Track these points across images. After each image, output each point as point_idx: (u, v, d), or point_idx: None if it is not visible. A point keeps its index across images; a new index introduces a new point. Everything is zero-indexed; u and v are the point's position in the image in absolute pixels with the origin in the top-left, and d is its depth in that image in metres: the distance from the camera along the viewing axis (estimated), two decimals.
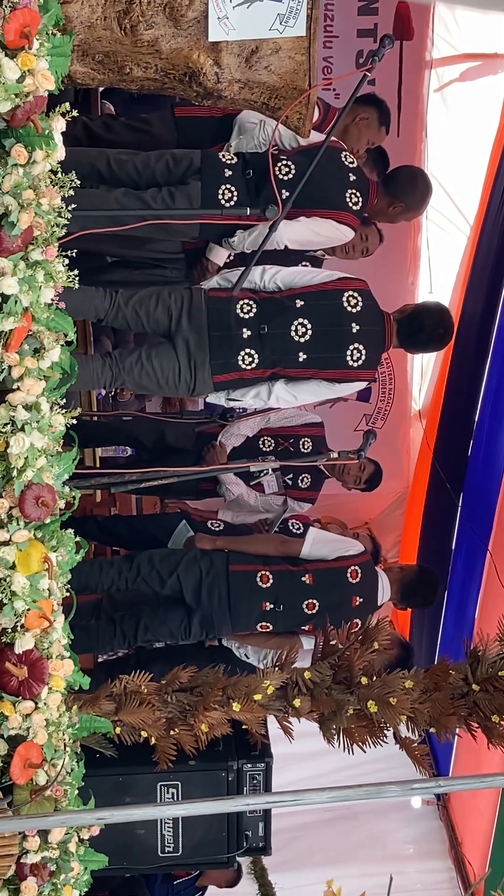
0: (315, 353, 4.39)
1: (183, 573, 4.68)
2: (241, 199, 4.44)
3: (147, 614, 4.76)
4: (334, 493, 6.16)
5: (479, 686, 3.50)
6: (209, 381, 4.38)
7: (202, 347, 4.32)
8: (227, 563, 4.71)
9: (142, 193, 4.42)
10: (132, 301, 4.40)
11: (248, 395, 4.50)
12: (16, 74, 2.45)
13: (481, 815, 5.65)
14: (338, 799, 2.45)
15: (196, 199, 4.40)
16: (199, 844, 3.64)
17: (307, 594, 4.67)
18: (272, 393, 4.48)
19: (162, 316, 4.38)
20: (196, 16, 2.98)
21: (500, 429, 5.45)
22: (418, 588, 5.06)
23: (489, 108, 5.78)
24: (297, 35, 3.04)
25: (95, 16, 2.94)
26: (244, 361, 4.35)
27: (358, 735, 3.52)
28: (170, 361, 4.36)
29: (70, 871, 2.90)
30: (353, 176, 4.59)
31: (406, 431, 7.25)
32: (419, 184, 4.94)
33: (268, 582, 4.68)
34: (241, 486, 5.45)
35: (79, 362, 3.08)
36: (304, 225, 4.47)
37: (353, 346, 4.41)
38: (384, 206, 4.83)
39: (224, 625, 4.71)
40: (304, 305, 4.39)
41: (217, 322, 4.33)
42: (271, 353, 4.37)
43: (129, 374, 4.40)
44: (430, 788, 2.72)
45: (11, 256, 2.54)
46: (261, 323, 4.34)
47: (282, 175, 4.41)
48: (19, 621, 2.67)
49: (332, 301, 4.43)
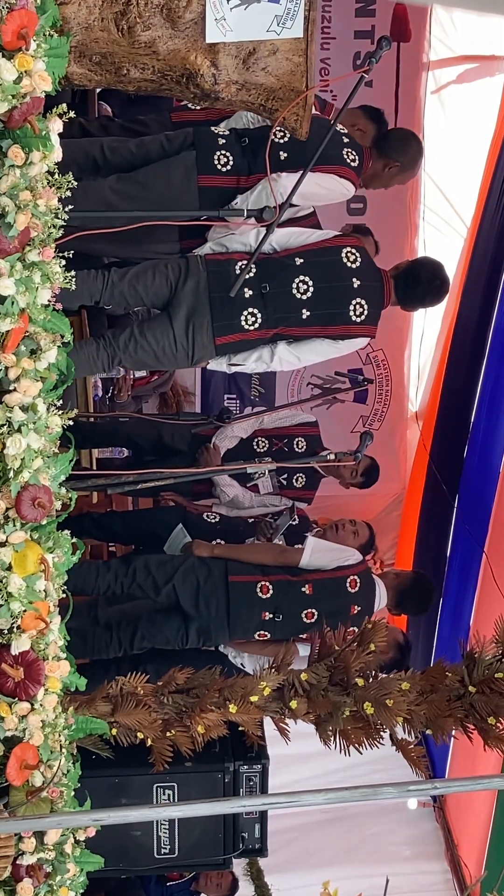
0: (318, 310, 4.37)
1: (180, 582, 4.66)
2: (238, 164, 4.42)
3: (144, 623, 4.72)
4: (332, 494, 6.16)
5: (475, 688, 3.50)
6: (209, 345, 4.35)
7: (202, 310, 4.29)
8: (226, 574, 4.68)
9: (135, 174, 4.40)
10: (128, 276, 4.37)
11: (251, 358, 4.46)
12: (13, 75, 2.44)
13: (477, 816, 5.65)
14: (334, 800, 2.44)
15: (192, 167, 4.37)
16: (195, 846, 3.63)
17: (306, 604, 4.66)
18: (275, 355, 4.45)
19: (161, 286, 4.35)
20: (193, 17, 2.98)
21: (496, 430, 5.46)
22: (413, 594, 5.05)
23: (486, 110, 5.79)
24: (295, 37, 3.04)
25: (92, 17, 2.94)
26: (247, 322, 4.32)
27: (354, 737, 3.52)
28: (164, 331, 4.33)
29: (66, 872, 2.90)
30: (347, 139, 4.59)
31: (403, 433, 7.27)
32: (412, 142, 4.91)
33: (268, 592, 4.66)
34: (237, 487, 5.44)
35: (73, 349, 3.07)
36: (308, 178, 4.38)
37: (355, 300, 4.40)
38: (379, 169, 4.81)
39: (222, 634, 4.70)
40: (303, 263, 4.37)
41: (217, 284, 4.30)
42: (274, 312, 4.34)
43: (124, 352, 4.37)
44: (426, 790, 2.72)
45: (8, 258, 2.54)
46: (262, 282, 4.32)
47: (277, 138, 4.39)
48: (15, 622, 2.66)
49: (332, 257, 4.42)
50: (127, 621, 4.76)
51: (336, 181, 4.56)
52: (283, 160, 4.31)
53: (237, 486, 5.44)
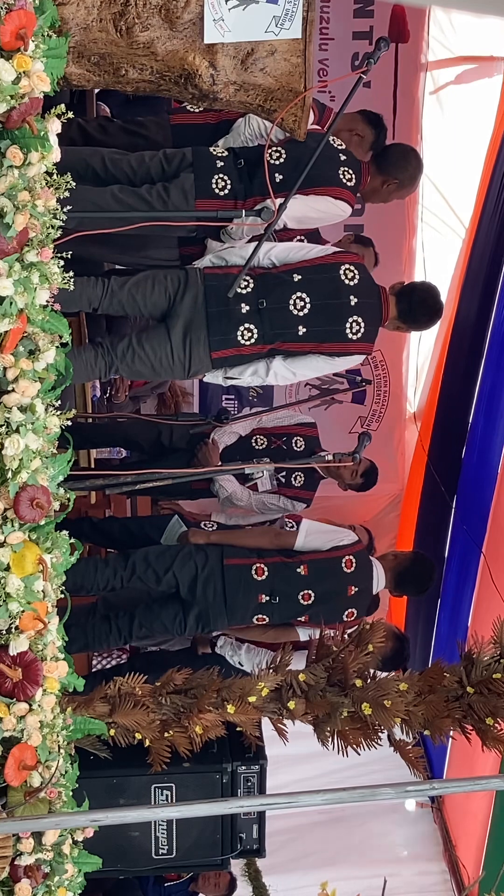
0: (315, 326, 4.38)
1: (178, 569, 4.68)
2: (235, 188, 4.44)
3: (141, 611, 4.77)
4: (330, 495, 6.16)
5: (473, 689, 3.50)
6: (206, 359, 4.36)
7: (199, 324, 4.30)
8: (222, 557, 4.72)
9: (137, 189, 4.42)
10: (128, 285, 4.38)
11: (246, 372, 4.47)
12: (11, 76, 2.45)
13: (475, 817, 5.65)
14: (332, 801, 2.45)
15: (190, 190, 4.39)
16: (193, 846, 3.63)
17: (302, 585, 4.68)
18: (270, 370, 4.46)
19: (160, 297, 4.36)
20: (192, 18, 2.98)
21: (494, 431, 5.45)
22: (413, 575, 5.06)
23: (485, 111, 5.79)
24: (293, 37, 3.04)
25: (91, 18, 2.94)
26: (243, 337, 4.34)
27: (352, 737, 3.52)
28: (161, 343, 4.34)
29: (64, 872, 2.90)
30: (344, 156, 4.60)
31: (401, 434, 7.26)
32: (411, 160, 4.92)
33: (263, 574, 4.68)
34: (234, 482, 5.45)
35: (71, 355, 3.07)
36: (302, 202, 4.42)
37: (352, 318, 4.41)
38: (378, 185, 4.82)
39: (220, 618, 4.71)
40: (301, 279, 4.38)
41: (215, 297, 4.31)
42: (270, 328, 4.35)
43: (122, 361, 4.38)
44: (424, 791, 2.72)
45: (7, 258, 2.54)
46: (259, 298, 4.33)
47: (273, 160, 4.41)
48: (14, 623, 2.67)
49: (330, 274, 4.43)
50: (124, 611, 4.80)
51: (331, 203, 4.57)
52: (278, 182, 4.32)
53: (235, 481, 5.45)
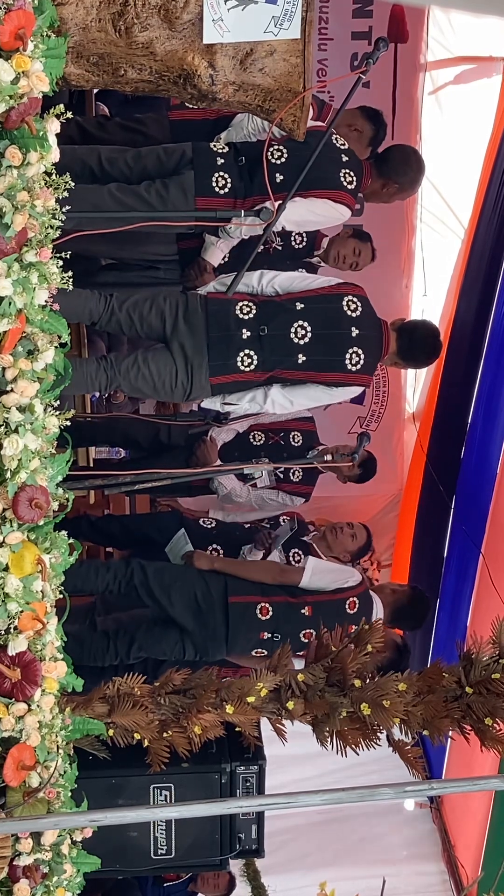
0: (314, 356, 4.37)
1: (176, 594, 4.67)
2: (235, 186, 4.43)
3: (142, 634, 4.72)
4: (328, 495, 6.17)
5: (472, 689, 3.50)
6: (206, 385, 4.35)
7: (199, 350, 4.30)
8: (226, 594, 4.70)
9: (135, 187, 4.41)
10: (126, 305, 4.37)
11: (244, 399, 4.47)
12: (10, 76, 2.44)
13: (474, 817, 5.65)
14: (331, 801, 2.44)
15: (190, 188, 4.39)
16: (191, 847, 3.63)
17: (305, 625, 4.69)
18: (268, 397, 4.46)
19: (156, 321, 4.35)
20: (191, 18, 2.98)
21: (492, 431, 5.46)
22: (409, 611, 5.04)
23: (483, 111, 5.79)
24: (292, 38, 3.04)
25: (90, 18, 2.94)
26: (243, 363, 4.33)
27: (351, 737, 3.52)
28: (167, 365, 4.33)
29: (63, 873, 2.90)
30: (346, 157, 4.59)
31: (400, 434, 7.26)
32: (412, 163, 4.93)
33: (267, 614, 4.68)
34: (234, 480, 5.45)
35: (73, 365, 3.07)
36: (301, 205, 4.43)
37: (352, 349, 4.41)
38: (378, 188, 4.83)
39: (219, 651, 4.72)
40: (303, 308, 4.38)
41: (216, 323, 4.31)
42: (270, 355, 4.35)
43: (124, 378, 4.37)
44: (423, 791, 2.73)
45: (5, 258, 2.54)
46: (260, 324, 4.33)
47: (274, 159, 4.41)
48: (12, 623, 2.66)
49: (332, 304, 4.43)
50: (125, 630, 4.76)
51: (330, 206, 4.57)
52: (279, 182, 4.31)
53: (234, 478, 5.45)
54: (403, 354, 4.71)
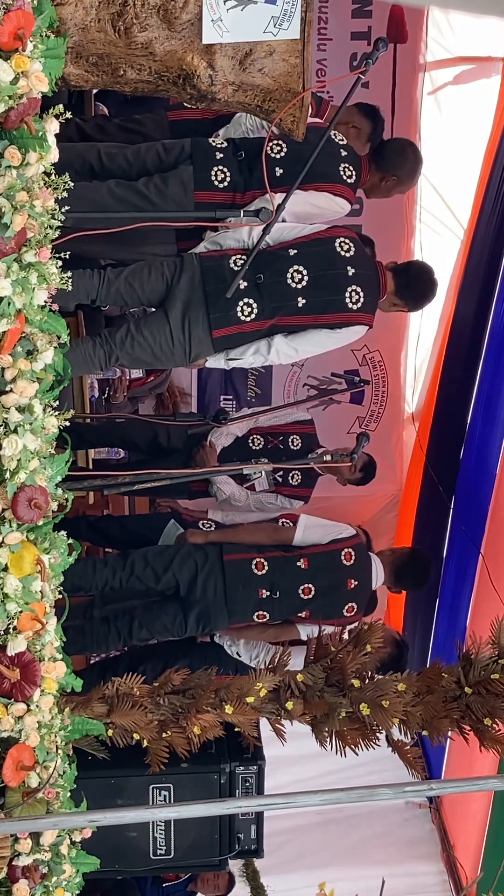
0: (314, 298, 4.37)
1: (178, 569, 4.69)
2: (234, 180, 4.43)
3: (141, 612, 4.77)
4: (328, 495, 6.16)
5: (471, 689, 3.50)
6: (206, 339, 4.34)
7: (198, 303, 4.29)
8: (222, 554, 4.74)
9: (134, 183, 4.41)
10: (124, 274, 4.38)
11: (248, 352, 4.45)
12: (9, 76, 2.44)
13: (473, 818, 5.65)
14: (330, 802, 2.44)
15: (189, 182, 4.39)
16: (191, 847, 3.64)
17: (303, 579, 4.70)
18: (272, 347, 4.44)
19: (157, 283, 4.36)
20: (190, 18, 2.98)
21: (492, 431, 5.45)
22: (410, 568, 5.10)
23: (483, 112, 5.79)
24: (291, 38, 3.04)
25: (89, 18, 2.94)
26: (243, 312, 4.32)
27: (350, 738, 3.52)
28: (160, 326, 4.34)
29: (62, 873, 2.90)
30: (345, 151, 4.60)
31: (399, 434, 7.26)
32: (408, 154, 4.92)
33: (263, 569, 4.70)
34: (233, 484, 5.45)
35: (71, 347, 3.05)
36: (300, 197, 4.41)
37: (350, 287, 4.41)
38: (377, 181, 4.83)
39: (221, 616, 4.72)
40: (297, 253, 4.38)
41: (212, 276, 4.31)
42: (270, 301, 4.34)
43: (121, 349, 4.37)
44: (422, 791, 2.73)
45: (5, 258, 2.54)
46: (256, 273, 4.32)
47: (273, 154, 4.42)
48: (12, 623, 2.67)
49: (325, 246, 4.43)
50: (123, 612, 4.79)
51: (329, 199, 4.57)
52: (278, 177, 4.31)
53: (233, 483, 5.45)
54: (402, 293, 4.69)
